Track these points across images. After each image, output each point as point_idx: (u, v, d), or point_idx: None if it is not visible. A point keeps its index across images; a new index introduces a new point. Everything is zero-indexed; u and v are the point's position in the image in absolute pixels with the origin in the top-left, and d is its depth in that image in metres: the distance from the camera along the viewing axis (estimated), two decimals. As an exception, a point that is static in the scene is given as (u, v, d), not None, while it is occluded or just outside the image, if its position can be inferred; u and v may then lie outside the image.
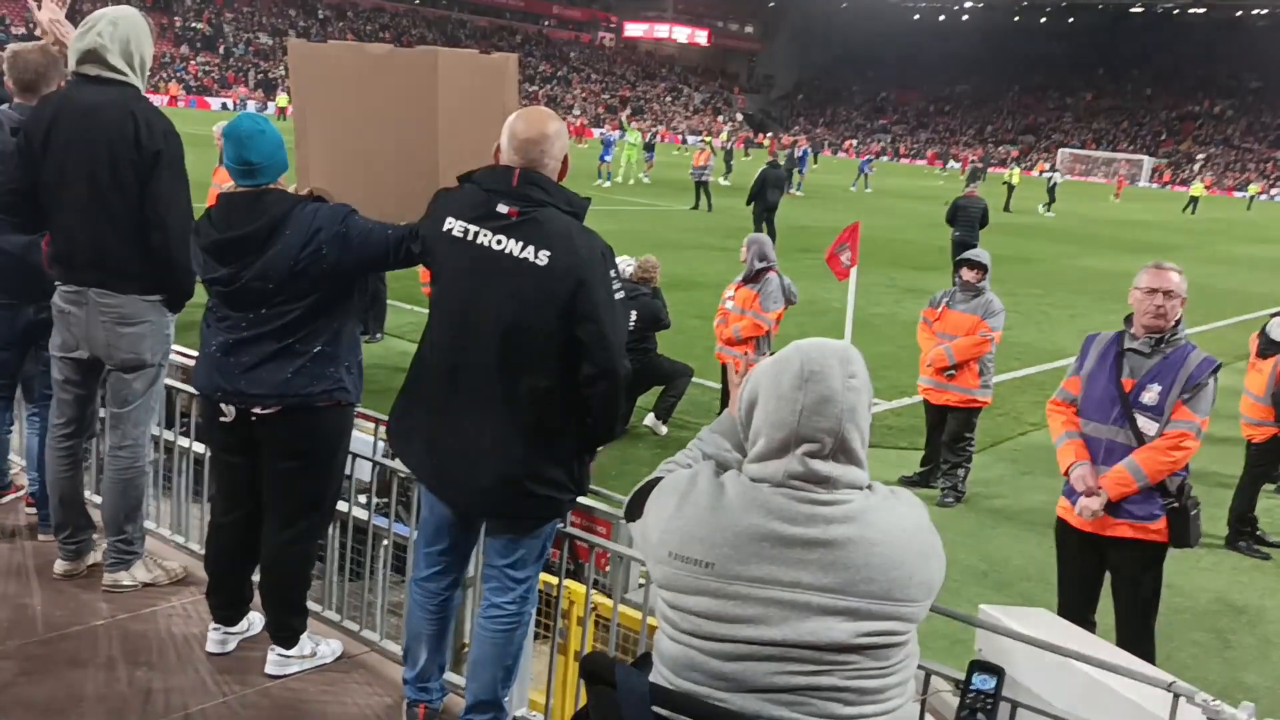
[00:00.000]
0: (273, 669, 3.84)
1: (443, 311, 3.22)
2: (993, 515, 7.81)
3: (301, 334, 3.50)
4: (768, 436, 2.04)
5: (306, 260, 3.42)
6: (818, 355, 2.04)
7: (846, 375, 2.03)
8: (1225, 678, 5.66)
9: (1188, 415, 4.47)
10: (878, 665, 1.97)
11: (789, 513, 1.99)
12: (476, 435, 3.13)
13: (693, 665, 2.01)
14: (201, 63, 65.67)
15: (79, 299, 4.08)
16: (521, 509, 3.20)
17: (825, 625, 1.94)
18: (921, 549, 2.03)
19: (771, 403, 2.05)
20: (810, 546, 1.96)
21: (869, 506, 2.02)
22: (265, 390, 3.51)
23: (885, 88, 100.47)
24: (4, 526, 4.86)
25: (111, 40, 3.96)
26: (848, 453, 2.02)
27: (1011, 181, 38.85)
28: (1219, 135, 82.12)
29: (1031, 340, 14.35)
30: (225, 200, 3.56)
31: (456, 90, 3.54)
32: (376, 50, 3.71)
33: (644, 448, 8.59)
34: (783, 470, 2.01)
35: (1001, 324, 7.86)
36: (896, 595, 1.96)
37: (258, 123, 3.54)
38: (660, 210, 27.80)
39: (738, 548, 1.98)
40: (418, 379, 3.30)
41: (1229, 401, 11.26)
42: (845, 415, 2.01)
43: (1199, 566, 7.10)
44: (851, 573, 1.95)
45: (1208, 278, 21.94)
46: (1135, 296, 4.59)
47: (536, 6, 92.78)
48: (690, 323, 12.48)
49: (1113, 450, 4.58)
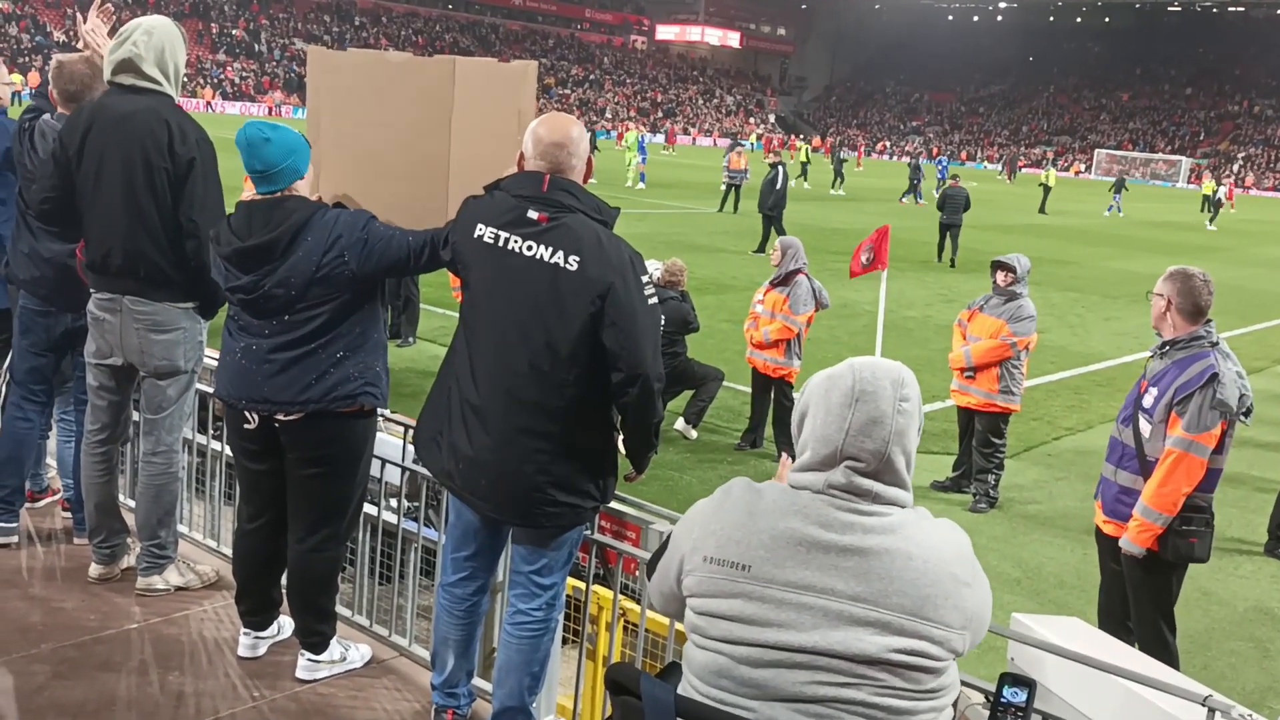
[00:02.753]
0: (303, 674, 3.85)
1: (473, 317, 3.23)
2: (1026, 521, 7.73)
3: (324, 339, 3.51)
4: (813, 450, 2.05)
5: (328, 267, 3.43)
6: (870, 375, 2.03)
7: (898, 398, 2.02)
8: (1263, 686, 5.57)
9: (1178, 430, 4.41)
10: (907, 686, 1.94)
11: (827, 519, 1.99)
12: (503, 442, 3.13)
13: (722, 672, 2.00)
14: (238, 68, 66.36)
15: (113, 306, 4.12)
16: (545, 517, 3.20)
17: (855, 635, 1.92)
18: (958, 573, 2.00)
19: (820, 416, 2.05)
20: (845, 554, 1.96)
21: (908, 522, 2.01)
22: (289, 397, 3.52)
23: (918, 89, 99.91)
24: (40, 530, 4.92)
25: (146, 50, 4.01)
26: (892, 473, 2.02)
27: (1048, 183, 38.44)
28: (1259, 135, 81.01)
29: (1066, 344, 14.22)
30: (244, 208, 3.57)
31: (472, 98, 3.56)
32: (395, 58, 3.74)
33: (674, 452, 8.57)
34: (824, 480, 2.02)
35: (1028, 330, 7.67)
36: (928, 614, 1.94)
37: (263, 130, 3.53)
38: (689, 213, 27.77)
39: (774, 550, 1.98)
40: (446, 384, 3.30)
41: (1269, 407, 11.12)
42: (893, 438, 2.00)
43: (1237, 574, 7.00)
44: (884, 583, 1.94)
45: (1247, 279, 21.67)
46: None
47: (569, 10, 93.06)
48: (721, 326, 12.46)
49: (1121, 453, 4.65)
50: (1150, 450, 4.52)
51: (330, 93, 3.80)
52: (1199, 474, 4.41)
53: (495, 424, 3.14)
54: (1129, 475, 4.60)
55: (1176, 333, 4.54)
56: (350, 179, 3.73)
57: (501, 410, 3.13)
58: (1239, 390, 4.44)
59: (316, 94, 3.84)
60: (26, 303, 4.59)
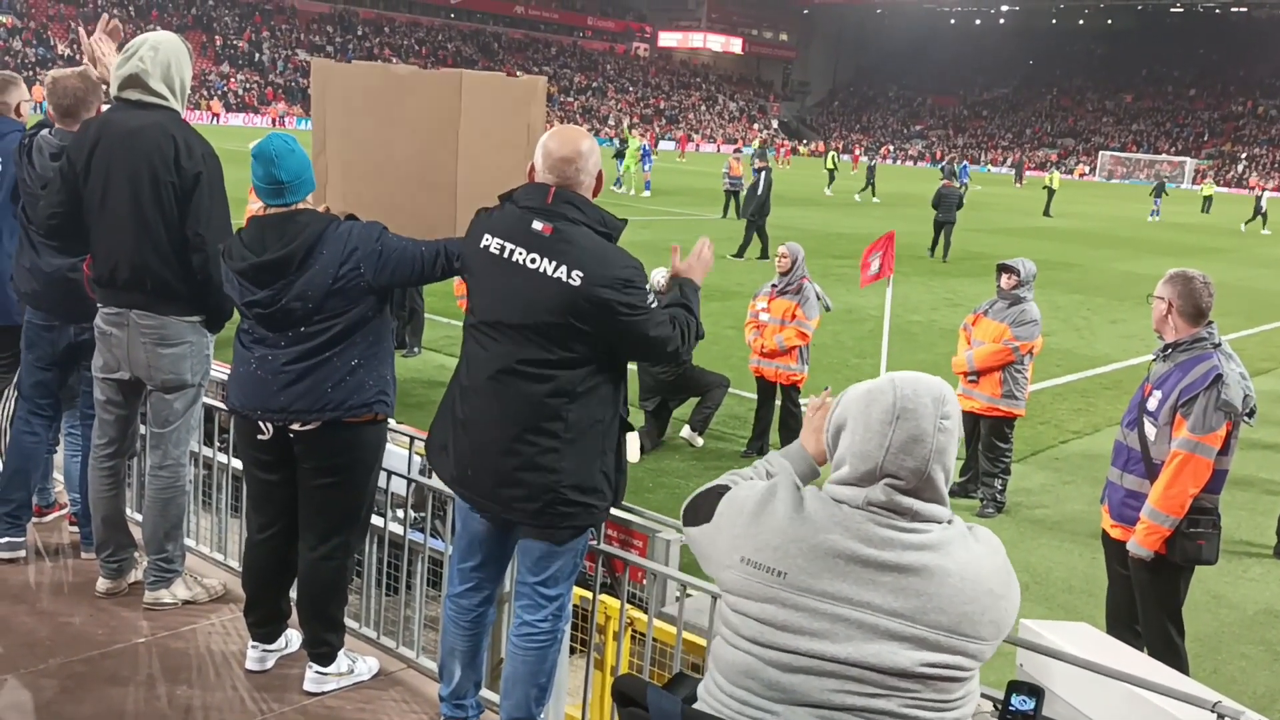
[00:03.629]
0: (310, 686, 3.86)
1: (479, 326, 3.25)
2: (1034, 525, 7.71)
3: (339, 349, 3.54)
4: (852, 465, 2.03)
5: (345, 279, 3.46)
6: (912, 393, 2.01)
7: (939, 416, 2.01)
8: (1275, 690, 5.55)
9: (1184, 432, 4.41)
10: (937, 698, 1.95)
11: (867, 534, 1.98)
12: (514, 447, 3.15)
13: (749, 673, 2.00)
14: (242, 80, 66.54)
15: (120, 320, 4.14)
16: (561, 518, 3.21)
17: (890, 649, 1.92)
18: (995, 588, 2.00)
19: (860, 432, 2.03)
20: (884, 569, 1.95)
21: (948, 539, 2.00)
22: (306, 406, 3.55)
23: (921, 93, 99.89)
24: (47, 545, 4.93)
25: (153, 65, 4.03)
26: (932, 490, 2.01)
27: (1052, 186, 38.41)
28: (1263, 135, 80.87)
29: (1072, 347, 14.20)
30: (256, 223, 3.59)
31: (479, 112, 3.58)
32: (401, 71, 3.76)
33: (680, 460, 8.57)
34: (864, 497, 2.00)
35: (1031, 334, 7.61)
36: (965, 630, 1.94)
37: (287, 142, 3.57)
38: (694, 219, 27.77)
39: (812, 560, 1.98)
40: (453, 393, 3.32)
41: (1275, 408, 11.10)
42: (933, 456, 1.99)
43: (1246, 577, 6.97)
44: (923, 600, 1.93)
45: (1253, 280, 21.63)
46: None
47: (571, 18, 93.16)
48: (726, 333, 12.45)
49: (1127, 456, 4.65)
50: (1156, 453, 4.52)
51: (335, 105, 3.81)
52: (1205, 475, 4.40)
53: (505, 430, 3.16)
54: (1135, 479, 4.59)
55: (1178, 335, 4.54)
56: (356, 190, 3.74)
57: (511, 416, 3.15)
58: (1243, 391, 4.44)
59: (321, 106, 3.85)
60: (31, 317, 4.60)
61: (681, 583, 3.51)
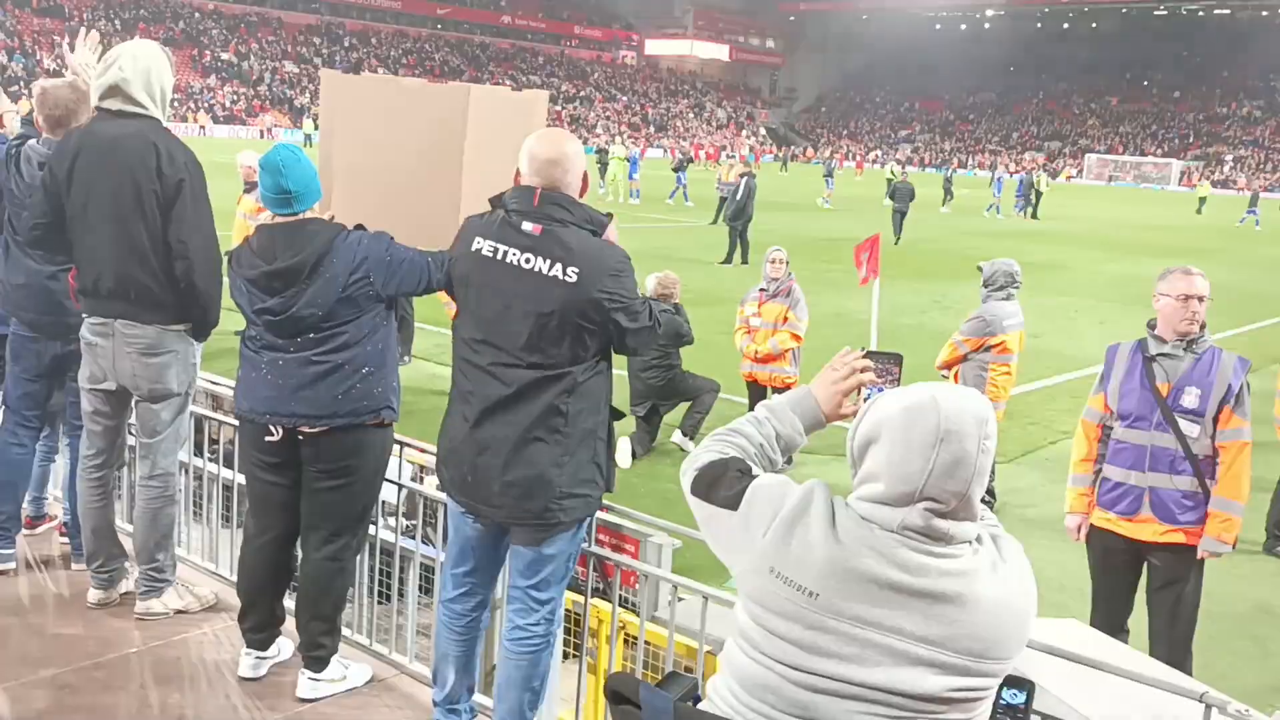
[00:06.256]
0: (304, 693, 3.86)
1: (474, 328, 3.28)
2: (1024, 525, 7.73)
3: (350, 354, 3.59)
4: (889, 486, 1.95)
5: (354, 287, 3.52)
6: (956, 414, 1.93)
7: (982, 437, 1.94)
8: (1265, 685, 5.58)
9: (1238, 422, 4.46)
10: (961, 717, 1.94)
11: (901, 560, 1.92)
12: (519, 448, 3.19)
13: (769, 688, 1.97)
14: (229, 92, 66.48)
15: (105, 331, 4.13)
16: (563, 511, 3.24)
17: (920, 675, 1.89)
18: (1024, 608, 1.98)
19: (898, 452, 1.94)
20: (917, 595, 1.90)
21: (979, 566, 1.95)
22: (317, 410, 3.60)
23: (908, 97, 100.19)
24: (38, 556, 4.92)
25: (133, 74, 4.03)
26: (968, 509, 1.95)
27: (1040, 188, 38.54)
28: (1248, 136, 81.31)
29: (1060, 348, 14.24)
30: (265, 232, 3.64)
31: (485, 125, 3.64)
32: (410, 84, 3.82)
33: (671, 464, 8.57)
34: (899, 520, 1.93)
35: (974, 330, 7.51)
36: (995, 654, 1.93)
37: (294, 152, 3.64)
38: (683, 226, 27.81)
39: (845, 583, 1.91)
40: (455, 399, 3.35)
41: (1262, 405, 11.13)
42: (975, 478, 1.94)
43: (1236, 573, 6.99)
44: (955, 628, 1.90)
45: (1241, 281, 21.71)
46: (1165, 303, 4.56)
47: (557, 27, 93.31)
48: (716, 339, 12.43)
49: (1158, 456, 4.55)
50: (1199, 449, 4.50)
51: (344, 116, 3.86)
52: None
53: (509, 431, 3.19)
54: (1187, 479, 4.52)
55: (1201, 330, 4.56)
56: (363, 201, 3.78)
57: (515, 417, 3.19)
58: None
59: (330, 117, 3.89)
60: (16, 328, 4.60)
61: (674, 585, 3.51)
